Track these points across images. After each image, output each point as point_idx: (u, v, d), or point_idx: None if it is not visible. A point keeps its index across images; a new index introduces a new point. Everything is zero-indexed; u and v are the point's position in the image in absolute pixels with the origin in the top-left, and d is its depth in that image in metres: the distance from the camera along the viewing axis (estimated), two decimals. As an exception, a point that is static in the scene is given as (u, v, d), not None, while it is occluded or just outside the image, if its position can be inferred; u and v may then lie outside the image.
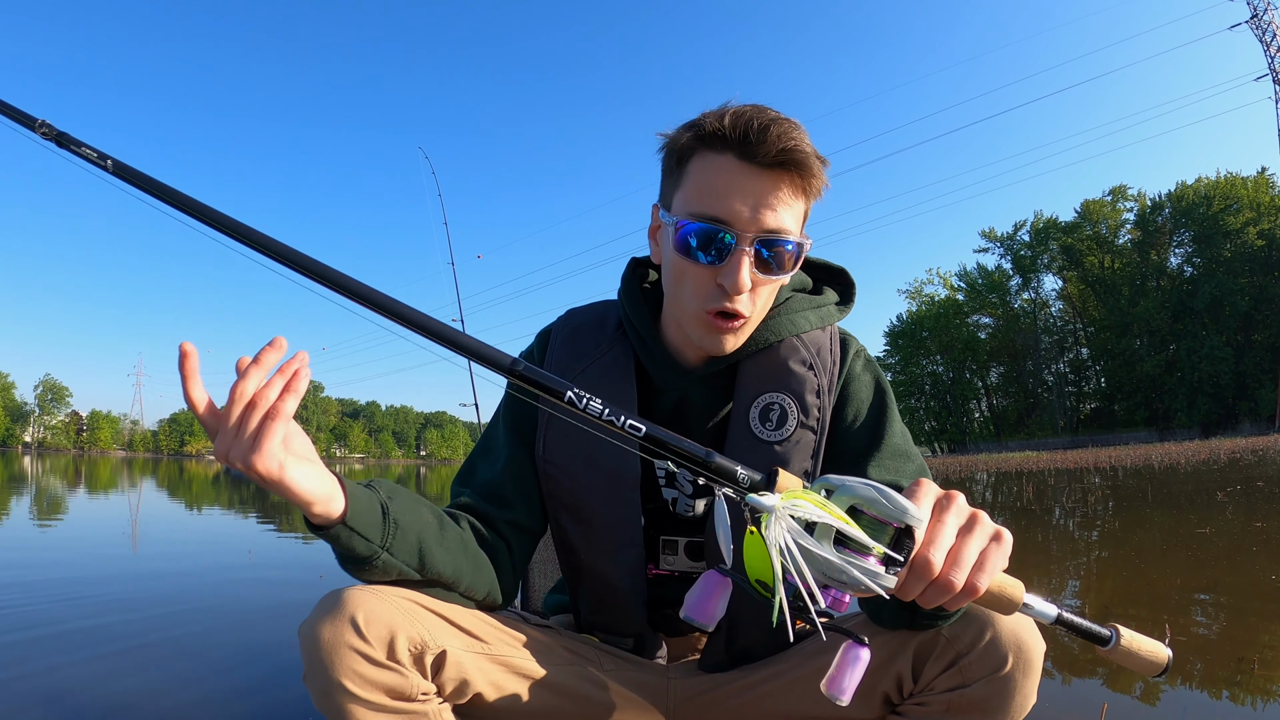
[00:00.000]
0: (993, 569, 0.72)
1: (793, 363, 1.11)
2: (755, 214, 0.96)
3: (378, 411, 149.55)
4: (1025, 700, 0.89)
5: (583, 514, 1.11)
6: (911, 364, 69.01)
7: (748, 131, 0.94)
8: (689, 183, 1.00)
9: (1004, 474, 17.20)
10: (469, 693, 0.94)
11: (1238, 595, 3.29)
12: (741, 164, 0.96)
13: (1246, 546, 4.71)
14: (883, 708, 1.01)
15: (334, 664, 0.85)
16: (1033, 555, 4.90)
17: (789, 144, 0.94)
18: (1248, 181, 53.77)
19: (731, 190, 0.96)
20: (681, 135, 1.02)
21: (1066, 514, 7.47)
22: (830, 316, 1.17)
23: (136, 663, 2.46)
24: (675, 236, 1.00)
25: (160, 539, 6.43)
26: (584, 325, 1.19)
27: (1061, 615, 0.79)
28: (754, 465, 1.07)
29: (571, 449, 1.11)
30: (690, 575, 1.16)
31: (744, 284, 0.97)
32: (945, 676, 0.92)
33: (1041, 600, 0.78)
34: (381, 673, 0.86)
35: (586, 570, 1.13)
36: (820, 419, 1.10)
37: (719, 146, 0.97)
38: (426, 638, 0.89)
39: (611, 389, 1.12)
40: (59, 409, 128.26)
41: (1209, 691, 2.05)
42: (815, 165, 0.98)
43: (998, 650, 0.88)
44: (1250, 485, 9.29)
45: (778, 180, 0.96)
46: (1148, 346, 56.24)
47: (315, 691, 0.87)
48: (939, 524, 0.71)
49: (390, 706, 0.87)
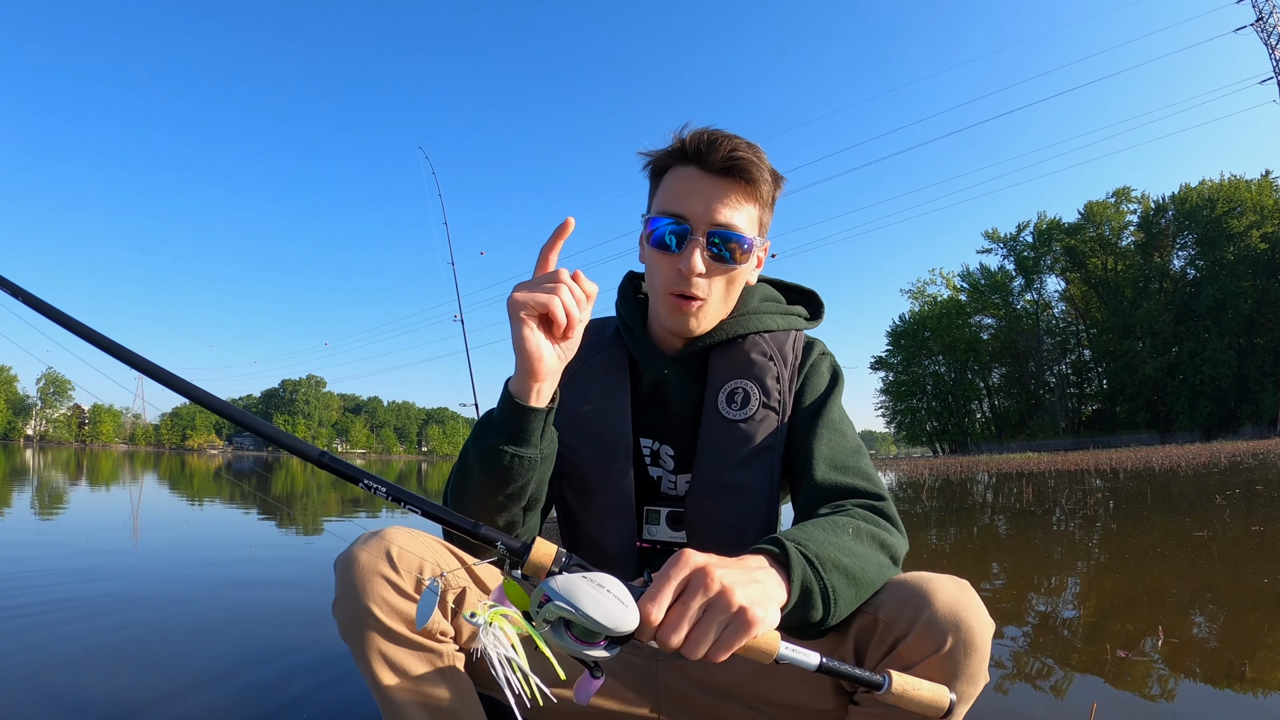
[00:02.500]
0: (730, 646, 0.76)
1: (755, 354, 1.27)
2: (708, 211, 1.16)
3: (379, 407, 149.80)
4: (972, 681, 0.90)
5: (583, 484, 1.26)
6: (914, 364, 69.03)
7: (700, 145, 1.17)
8: (662, 190, 1.22)
9: (1004, 475, 17.19)
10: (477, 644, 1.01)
11: (1233, 599, 3.30)
12: (699, 172, 1.17)
13: (1243, 550, 4.71)
14: (836, 697, 1.04)
15: (365, 589, 0.92)
16: (1031, 557, 4.91)
17: (735, 155, 1.15)
18: (1251, 184, 53.68)
19: (690, 192, 1.17)
20: (658, 154, 1.23)
21: (1066, 516, 7.47)
22: (796, 324, 1.35)
23: (134, 660, 2.47)
24: (647, 230, 1.21)
25: (161, 532, 6.45)
26: (587, 333, 1.29)
27: (824, 663, 0.81)
28: (724, 442, 1.22)
29: (575, 427, 1.26)
30: (671, 546, 1.27)
31: (697, 267, 1.16)
32: (888, 661, 0.93)
33: (803, 650, 0.80)
34: (408, 604, 0.94)
35: (584, 538, 1.26)
36: (781, 401, 1.25)
37: (684, 160, 1.19)
38: (450, 578, 0.99)
39: (606, 378, 1.31)
40: (61, 402, 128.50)
41: (1200, 694, 2.07)
42: (761, 173, 1.17)
43: (936, 629, 0.89)
44: (1250, 489, 9.28)
45: (728, 185, 1.17)
46: (1150, 349, 56.18)
47: (342, 618, 0.96)
48: (682, 609, 0.76)
49: (411, 639, 0.96)
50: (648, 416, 1.30)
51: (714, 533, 1.20)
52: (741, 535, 1.18)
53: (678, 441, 1.29)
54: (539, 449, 1.02)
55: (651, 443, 1.31)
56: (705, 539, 1.19)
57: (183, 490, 13.47)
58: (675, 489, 1.30)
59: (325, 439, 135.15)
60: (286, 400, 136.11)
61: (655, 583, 0.78)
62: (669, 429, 1.30)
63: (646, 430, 1.31)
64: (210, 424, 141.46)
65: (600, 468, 1.25)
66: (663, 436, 1.30)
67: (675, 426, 1.29)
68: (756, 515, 1.20)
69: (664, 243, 1.18)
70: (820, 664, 0.80)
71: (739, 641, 0.77)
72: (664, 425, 1.30)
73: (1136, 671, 2.27)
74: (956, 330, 65.96)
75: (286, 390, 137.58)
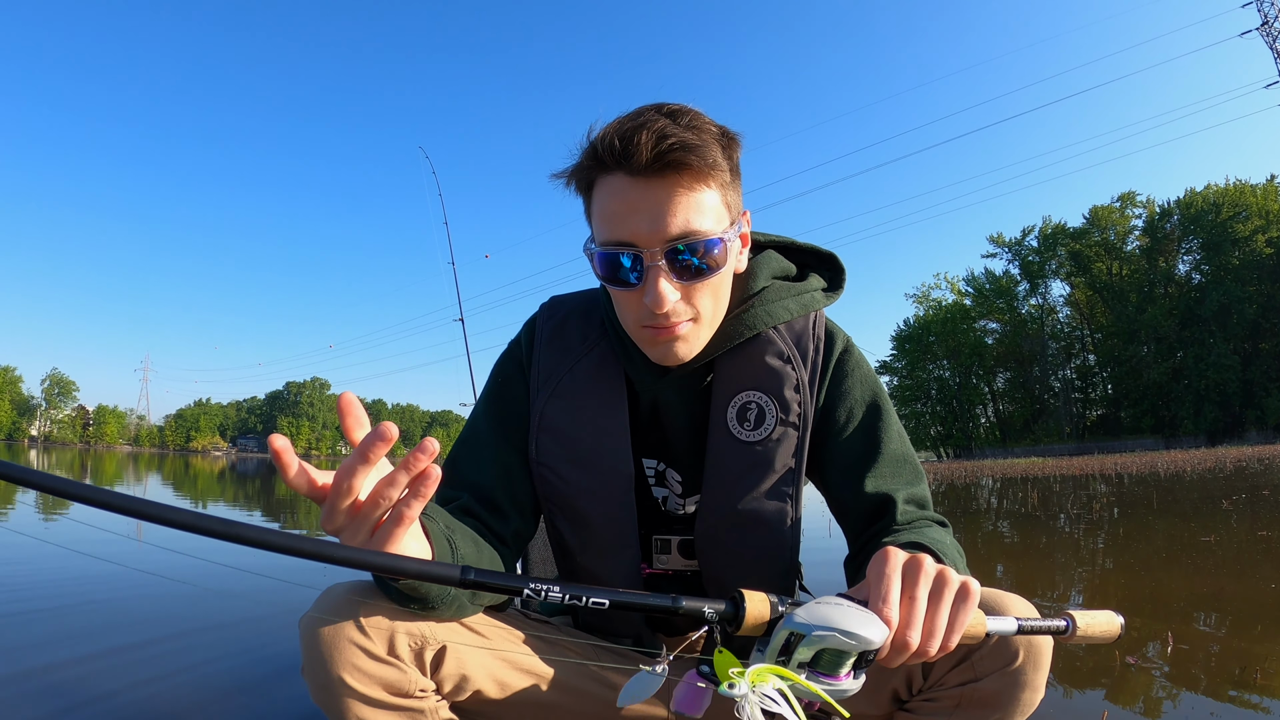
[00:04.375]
0: (962, 626, 0.75)
1: (769, 358, 1.09)
2: (656, 225, 0.92)
3: (384, 410, 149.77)
4: (1034, 694, 0.90)
5: (578, 516, 1.10)
6: (918, 368, 68.89)
7: (615, 145, 0.91)
8: (595, 211, 0.98)
9: (1009, 480, 17.13)
10: (469, 689, 0.94)
11: (1241, 604, 3.28)
12: (629, 179, 0.92)
13: (1250, 555, 4.69)
14: (891, 704, 1.01)
15: (334, 658, 0.84)
16: (1037, 562, 4.89)
17: (664, 145, 0.89)
18: (1257, 189, 53.54)
19: (627, 209, 0.93)
20: (575, 169, 0.99)
21: (1071, 521, 7.44)
22: (814, 303, 1.14)
23: (133, 660, 2.47)
24: (595, 268, 0.98)
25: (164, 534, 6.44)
26: (571, 318, 1.18)
27: (1021, 625, 0.82)
28: (737, 467, 1.08)
29: (565, 452, 1.10)
30: (684, 574, 1.17)
31: (665, 298, 0.93)
32: (957, 671, 0.92)
33: (1000, 619, 0.81)
34: (381, 668, 0.86)
35: (583, 572, 1.12)
36: (802, 414, 1.08)
37: (605, 168, 0.94)
38: (427, 633, 0.89)
39: (598, 392, 1.12)
40: (65, 403, 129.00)
41: (1210, 701, 2.05)
42: (706, 152, 0.92)
43: (1009, 644, 0.88)
44: (1256, 494, 9.24)
45: (667, 184, 0.92)
46: (1155, 354, 56.02)
47: (314, 685, 0.87)
48: (911, 602, 0.74)
49: (389, 702, 0.87)
50: (649, 435, 1.15)
51: (730, 565, 1.10)
52: (760, 565, 1.09)
53: (684, 462, 1.15)
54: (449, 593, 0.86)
55: (655, 463, 1.17)
56: (722, 570, 1.11)
57: (187, 491, 13.48)
58: (683, 509, 1.17)
59: (329, 442, 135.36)
60: (291, 402, 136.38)
61: (875, 585, 0.75)
62: (673, 449, 1.15)
63: (648, 450, 1.16)
64: (214, 425, 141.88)
65: (596, 500, 1.09)
66: (667, 457, 1.16)
67: (680, 445, 1.15)
68: (778, 545, 1.09)
69: (618, 278, 0.96)
70: (1019, 625, 0.82)
71: (968, 615, 0.75)
72: (667, 444, 1.15)
73: (1145, 679, 2.25)
74: (961, 335, 65.81)
75: (291, 392, 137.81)
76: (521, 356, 1.17)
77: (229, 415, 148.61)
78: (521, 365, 1.16)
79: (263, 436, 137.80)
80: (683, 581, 1.18)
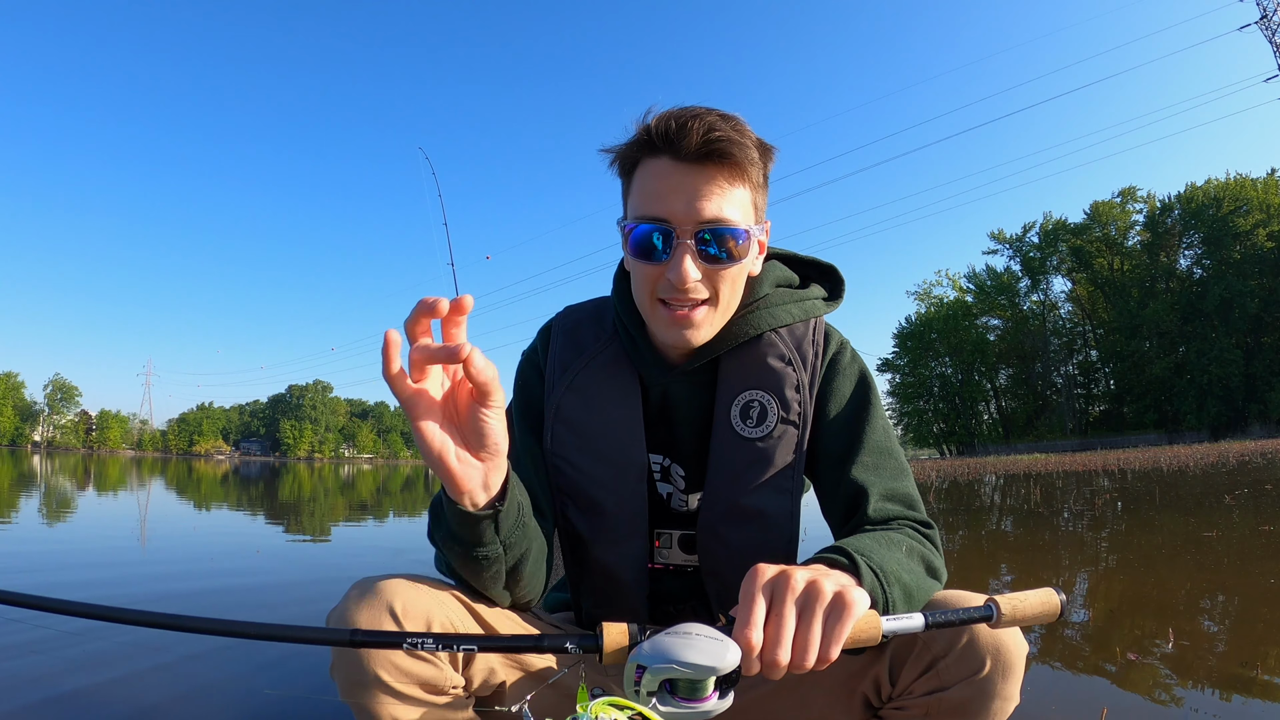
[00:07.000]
0: (840, 638, 0.74)
1: (771, 359, 1.13)
2: (691, 207, 0.99)
3: (386, 412, 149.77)
4: (1006, 703, 0.89)
5: (591, 505, 1.14)
6: (920, 366, 68.84)
7: (668, 131, 0.99)
8: (635, 189, 1.05)
9: (1012, 476, 17.13)
10: (495, 683, 0.96)
11: (1243, 600, 3.28)
12: (674, 163, 1.00)
13: (1253, 550, 4.69)
14: (863, 710, 1.01)
15: (373, 654, 0.83)
16: (1040, 558, 4.90)
17: (713, 135, 0.98)
18: (1257, 183, 53.47)
19: (667, 189, 1.00)
20: (624, 148, 1.07)
21: (1074, 517, 7.44)
22: (815, 310, 1.19)
23: (135, 664, 2.47)
24: (626, 241, 1.05)
25: (168, 536, 6.47)
26: (583, 322, 1.23)
27: (930, 619, 0.80)
28: (739, 462, 1.12)
29: (580, 442, 1.14)
30: (684, 569, 1.20)
31: (688, 275, 1.00)
32: (923, 680, 0.92)
33: (899, 619, 0.79)
34: (421, 665, 0.85)
35: (593, 562, 1.15)
36: (802, 413, 1.12)
37: (653, 151, 1.02)
38: (461, 630, 0.89)
39: (612, 385, 1.17)
40: (68, 408, 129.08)
41: (1212, 696, 2.05)
42: (746, 151, 1.00)
43: (975, 653, 0.87)
44: (1259, 489, 9.23)
45: (709, 172, 1.00)
46: (1157, 349, 55.94)
47: (345, 682, 0.85)
48: (779, 619, 0.74)
49: (424, 700, 0.87)
50: (656, 431, 1.19)
51: (729, 558, 1.12)
52: (757, 560, 1.12)
53: (688, 458, 1.19)
54: (497, 543, 0.88)
55: (661, 459, 1.20)
56: (720, 564, 1.13)
57: (190, 495, 13.51)
58: (686, 506, 1.21)
59: (332, 444, 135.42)
60: (294, 405, 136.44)
61: (740, 605, 0.75)
62: (678, 445, 1.19)
63: (655, 446, 1.20)
64: (217, 429, 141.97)
65: (610, 490, 1.13)
66: (672, 453, 1.20)
67: (685, 442, 1.18)
68: (777, 540, 1.11)
69: (647, 251, 1.02)
70: (926, 622, 0.79)
71: (845, 627, 0.74)
72: (673, 440, 1.19)
73: (1147, 674, 2.25)
74: (963, 332, 65.77)
75: (294, 395, 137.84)
76: (538, 359, 1.22)
77: (232, 419, 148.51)
78: (538, 366, 1.22)
79: (265, 440, 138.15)
80: (682, 577, 1.20)
